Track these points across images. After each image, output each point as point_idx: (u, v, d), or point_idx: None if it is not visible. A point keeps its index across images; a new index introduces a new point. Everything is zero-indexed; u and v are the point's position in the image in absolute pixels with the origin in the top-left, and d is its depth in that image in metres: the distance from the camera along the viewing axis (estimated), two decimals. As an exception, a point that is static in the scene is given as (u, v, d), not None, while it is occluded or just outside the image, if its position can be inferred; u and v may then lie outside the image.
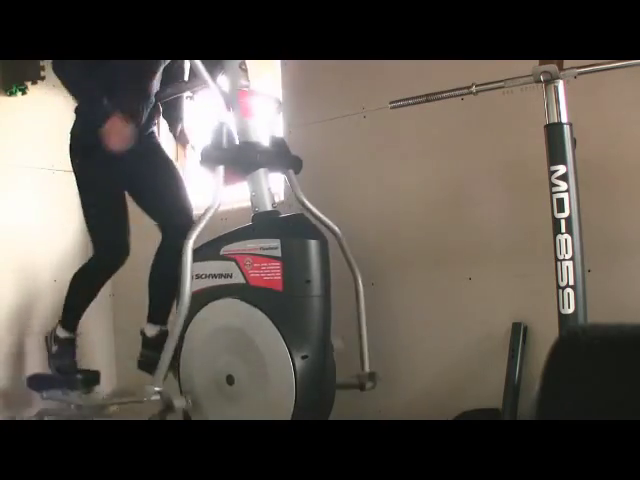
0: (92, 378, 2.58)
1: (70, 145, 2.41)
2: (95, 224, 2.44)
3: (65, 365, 2.53)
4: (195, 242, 2.04)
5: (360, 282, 2.25)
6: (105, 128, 2.24)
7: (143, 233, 2.49)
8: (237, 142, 2.17)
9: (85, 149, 2.36)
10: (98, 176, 2.35)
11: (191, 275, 2.01)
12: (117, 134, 2.25)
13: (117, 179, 2.42)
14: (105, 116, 2.24)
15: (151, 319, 2.47)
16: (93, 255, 2.47)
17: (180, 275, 2.01)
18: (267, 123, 2.33)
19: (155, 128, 2.60)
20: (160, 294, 2.45)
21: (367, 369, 2.22)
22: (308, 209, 2.25)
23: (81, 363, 2.73)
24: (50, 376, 2.57)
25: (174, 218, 2.44)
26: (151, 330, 2.45)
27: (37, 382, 2.62)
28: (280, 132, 2.55)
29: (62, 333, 2.55)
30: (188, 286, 2.01)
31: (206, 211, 2.05)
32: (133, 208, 2.52)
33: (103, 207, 2.42)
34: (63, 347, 2.55)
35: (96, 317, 3.16)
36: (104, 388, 2.73)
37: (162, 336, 2.36)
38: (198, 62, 2.15)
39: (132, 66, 2.33)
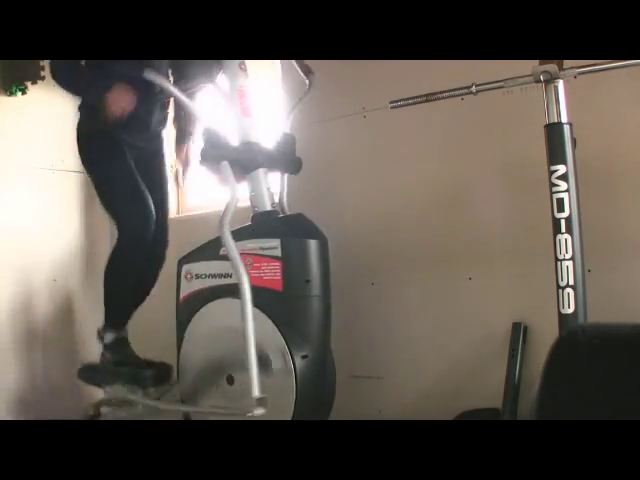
0: (165, 372, 2.22)
1: (78, 138, 2.39)
2: (124, 205, 2.28)
3: (124, 358, 2.26)
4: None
5: None
6: (108, 96, 2.15)
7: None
8: (234, 142, 2.17)
9: (99, 137, 2.34)
10: (117, 158, 2.31)
11: (240, 260, 1.93)
12: (120, 101, 2.16)
13: (131, 162, 2.37)
14: (107, 87, 2.16)
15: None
16: (121, 239, 2.27)
17: (232, 262, 1.93)
18: (294, 107, 2.33)
19: (163, 131, 2.56)
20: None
21: None
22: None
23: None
24: (108, 367, 2.27)
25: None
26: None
27: (91, 374, 2.32)
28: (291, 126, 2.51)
29: (109, 337, 2.28)
30: (244, 274, 1.91)
31: (227, 206, 2.01)
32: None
33: (132, 187, 2.30)
34: (117, 349, 2.28)
35: (97, 315, 3.17)
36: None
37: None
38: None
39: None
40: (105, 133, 2.30)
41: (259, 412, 1.83)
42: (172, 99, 2.56)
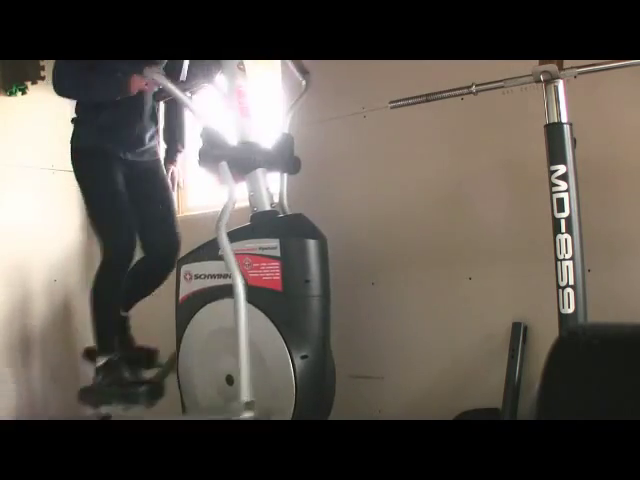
0: (157, 389, 2.27)
1: (72, 156, 2.37)
2: (109, 226, 2.32)
3: (115, 380, 2.27)
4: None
5: None
6: (131, 88, 2.20)
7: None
8: (233, 142, 2.17)
9: (90, 153, 2.34)
10: (105, 178, 2.32)
11: (236, 263, 1.96)
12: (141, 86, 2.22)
13: (122, 183, 2.38)
14: (125, 83, 2.19)
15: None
16: (105, 260, 2.30)
17: (226, 263, 1.96)
18: (291, 108, 2.31)
19: (156, 144, 2.55)
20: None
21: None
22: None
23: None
24: (101, 389, 2.28)
25: (160, 248, 2.42)
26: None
27: (88, 396, 2.32)
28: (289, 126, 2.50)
29: (102, 360, 2.30)
30: (239, 277, 1.94)
31: (225, 207, 2.02)
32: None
33: (116, 208, 2.32)
34: (109, 371, 2.29)
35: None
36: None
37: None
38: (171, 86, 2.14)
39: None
40: (96, 150, 2.30)
41: (247, 415, 1.85)
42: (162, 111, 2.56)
